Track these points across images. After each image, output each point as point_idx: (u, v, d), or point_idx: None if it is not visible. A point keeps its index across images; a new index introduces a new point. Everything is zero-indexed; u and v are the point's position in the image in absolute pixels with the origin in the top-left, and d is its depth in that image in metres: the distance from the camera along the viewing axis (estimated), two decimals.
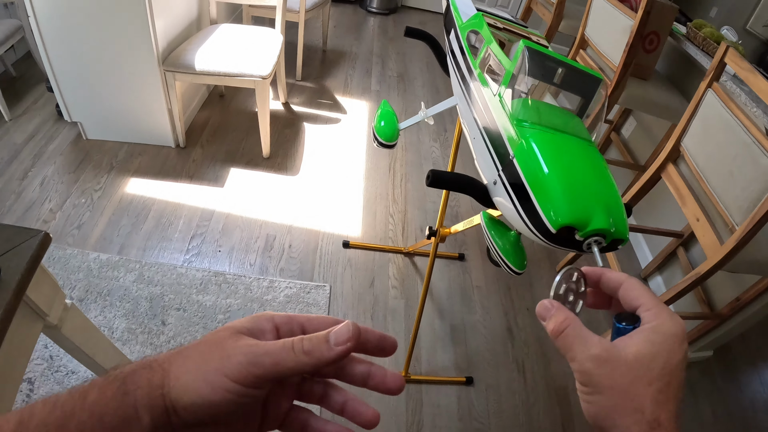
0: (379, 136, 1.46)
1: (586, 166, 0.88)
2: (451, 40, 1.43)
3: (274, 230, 2.37)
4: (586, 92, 1.04)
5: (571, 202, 0.81)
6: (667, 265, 2.57)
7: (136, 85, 2.42)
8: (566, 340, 0.44)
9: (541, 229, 0.83)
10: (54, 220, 2.19)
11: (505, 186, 0.92)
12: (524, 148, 0.89)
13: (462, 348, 2.08)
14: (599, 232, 0.78)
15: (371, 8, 4.93)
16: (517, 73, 0.98)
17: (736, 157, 1.55)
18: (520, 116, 0.94)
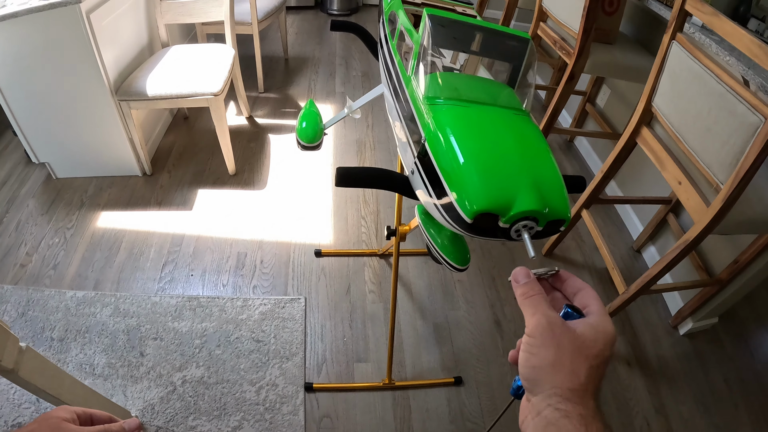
0: (300, 139, 1.37)
1: (508, 140, 0.78)
2: (379, 27, 1.35)
3: (244, 248, 2.31)
4: (515, 56, 0.94)
5: (485, 185, 0.70)
6: (659, 234, 2.48)
7: (95, 119, 2.38)
8: (533, 301, 0.50)
9: (458, 220, 0.73)
10: (31, 263, 2.15)
11: (420, 174, 0.83)
12: (433, 128, 0.79)
13: (448, 347, 2.00)
14: (527, 215, 0.68)
15: (332, 11, 4.87)
16: (426, 44, 0.89)
17: (711, 110, 1.46)
18: (431, 93, 0.84)
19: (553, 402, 0.44)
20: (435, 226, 1.05)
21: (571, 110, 3.38)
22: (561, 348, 0.46)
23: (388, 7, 1.25)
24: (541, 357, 0.46)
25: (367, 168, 0.90)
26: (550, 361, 0.45)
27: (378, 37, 1.38)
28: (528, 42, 0.93)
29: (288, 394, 1.76)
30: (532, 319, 0.49)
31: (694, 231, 1.60)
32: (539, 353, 0.46)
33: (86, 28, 2.05)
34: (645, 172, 2.57)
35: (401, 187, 0.92)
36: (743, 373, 2.13)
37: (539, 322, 0.48)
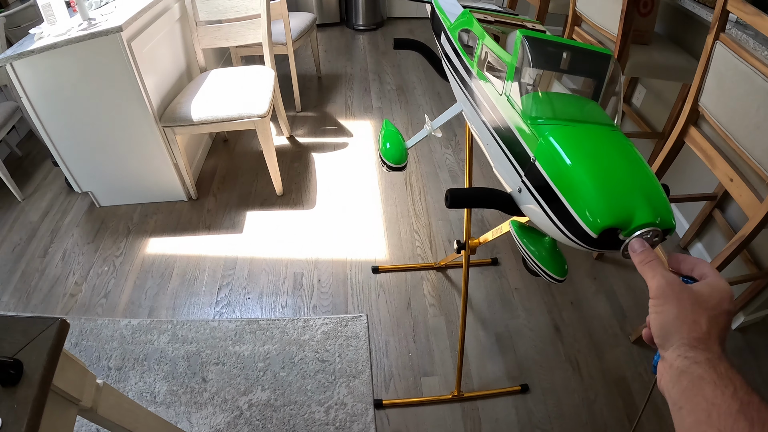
0: (387, 160, 1.39)
1: (615, 156, 0.80)
2: (443, 44, 1.37)
3: (300, 268, 2.32)
4: (597, 72, 0.97)
5: (608, 200, 0.73)
6: (705, 230, 2.48)
7: (138, 146, 2.41)
8: (652, 266, 0.56)
9: (580, 235, 0.75)
10: (81, 292, 2.18)
11: (531, 192, 0.85)
12: (545, 147, 0.81)
13: (511, 355, 2.00)
14: (646, 227, 0.70)
15: (358, 26, 4.90)
16: (521, 66, 0.91)
17: (760, 107, 1.46)
18: (534, 113, 0.87)
19: (682, 352, 0.48)
20: (532, 239, 1.06)
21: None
22: (681, 303, 0.50)
23: (457, 25, 1.27)
24: (665, 314, 0.51)
25: (475, 188, 0.93)
26: (674, 315, 0.50)
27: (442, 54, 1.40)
28: (610, 57, 0.95)
29: (357, 412, 1.77)
30: (653, 281, 0.54)
31: (749, 227, 1.59)
32: (663, 310, 0.51)
33: (128, 56, 2.09)
34: (687, 169, 2.56)
35: (506, 205, 0.94)
36: None
37: (659, 284, 0.53)
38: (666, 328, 0.50)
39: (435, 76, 3.98)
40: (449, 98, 3.70)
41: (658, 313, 0.52)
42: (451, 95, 1.31)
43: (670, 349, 0.49)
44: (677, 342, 0.49)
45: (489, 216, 2.66)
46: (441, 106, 3.61)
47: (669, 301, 0.51)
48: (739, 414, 0.41)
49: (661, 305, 0.52)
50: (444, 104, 3.64)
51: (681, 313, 0.50)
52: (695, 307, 0.50)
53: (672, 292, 0.52)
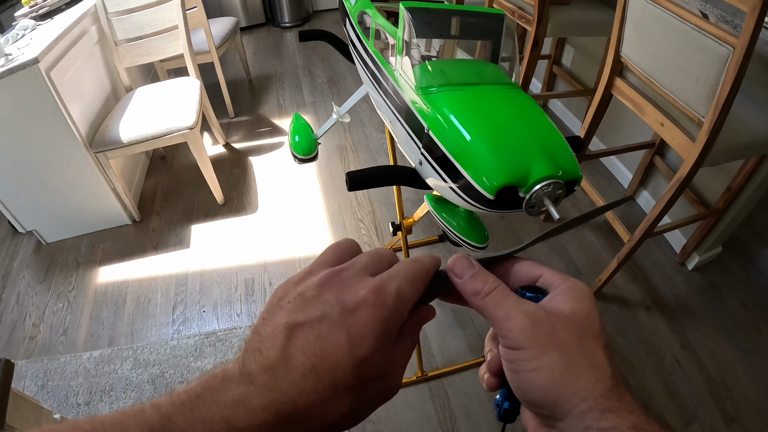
0: (296, 152, 1.37)
1: (509, 113, 0.80)
2: (348, 29, 1.36)
3: (250, 273, 2.30)
4: (492, 34, 0.96)
5: (501, 159, 0.72)
6: (649, 178, 2.51)
7: (74, 176, 2.35)
8: (495, 299, 0.37)
9: (479, 199, 0.75)
10: (39, 333, 2.13)
11: (430, 163, 0.84)
12: (436, 116, 0.81)
13: (470, 328, 2.01)
14: (544, 180, 0.70)
15: (284, 24, 4.85)
16: (408, 38, 0.90)
17: (680, 49, 1.48)
18: (424, 83, 0.86)
19: (592, 423, 0.32)
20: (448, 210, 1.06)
21: (539, 76, 3.40)
22: (563, 344, 0.34)
23: (355, 8, 1.25)
24: (546, 370, 0.34)
25: (375, 168, 0.92)
26: (561, 368, 0.33)
27: (348, 40, 1.38)
28: (503, 17, 0.95)
29: None
30: (507, 323, 0.36)
31: (685, 168, 1.62)
32: (541, 366, 0.34)
33: (49, 86, 2.03)
34: (622, 121, 2.59)
35: (411, 179, 0.93)
36: (759, 295, 2.17)
37: (521, 325, 0.35)
38: (554, 390, 0.33)
39: None
40: None
41: (532, 371, 0.34)
42: None
43: (567, 418, 0.33)
44: (578, 408, 0.32)
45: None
46: None
47: (544, 349, 0.34)
48: None
49: (533, 358, 0.34)
50: None
51: (570, 361, 0.34)
52: (583, 342, 0.35)
53: (543, 332, 0.35)
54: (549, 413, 0.34)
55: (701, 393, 1.81)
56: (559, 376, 0.33)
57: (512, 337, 0.35)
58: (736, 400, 1.81)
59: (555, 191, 0.70)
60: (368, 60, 1.14)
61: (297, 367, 0.33)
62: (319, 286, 0.36)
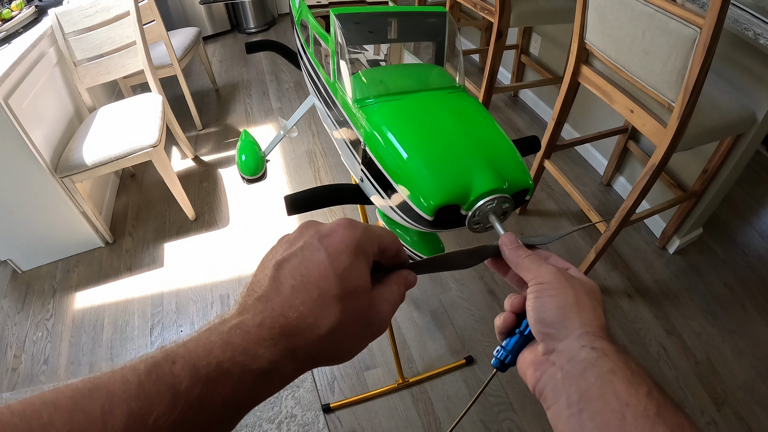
0: (242, 173, 1.32)
1: (449, 123, 0.74)
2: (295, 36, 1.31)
3: (225, 289, 2.26)
4: (435, 33, 0.91)
5: (437, 177, 0.67)
6: (624, 164, 2.50)
7: (42, 202, 2.30)
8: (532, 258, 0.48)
9: (418, 219, 0.69)
10: (21, 364, 2.08)
11: (370, 181, 0.80)
12: (371, 130, 0.76)
13: (450, 330, 1.99)
14: (487, 196, 0.65)
15: (249, 29, 4.78)
16: (340, 46, 0.85)
17: (644, 32, 1.45)
18: (359, 94, 0.81)
19: (587, 342, 0.41)
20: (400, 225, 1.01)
21: (507, 66, 3.37)
22: (576, 290, 0.45)
23: (298, 15, 1.21)
24: (562, 297, 0.44)
25: (314, 189, 0.86)
26: (573, 300, 0.44)
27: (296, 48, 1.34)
28: (445, 15, 0.90)
29: (308, 421, 1.73)
30: (540, 269, 0.47)
31: (658, 154, 1.59)
32: (559, 294, 0.44)
33: (7, 114, 1.98)
34: (594, 108, 2.57)
35: (354, 197, 0.88)
36: (741, 273, 2.16)
37: (549, 270, 0.46)
38: (564, 312, 0.43)
39: None
40: None
41: (552, 296, 0.44)
42: None
43: (568, 338, 0.42)
44: (579, 330, 0.42)
45: None
46: None
47: (563, 286, 0.45)
48: (657, 417, 0.35)
49: (554, 289, 0.45)
50: None
51: (580, 299, 0.44)
52: (590, 297, 0.45)
53: (564, 278, 0.45)
54: (554, 332, 0.43)
55: (689, 378, 1.80)
56: (569, 304, 0.44)
57: (542, 277, 0.46)
58: (725, 382, 1.80)
59: (500, 206, 0.65)
60: (311, 70, 1.10)
61: (286, 288, 0.38)
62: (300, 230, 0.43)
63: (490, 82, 2.43)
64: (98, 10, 2.47)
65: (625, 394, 0.36)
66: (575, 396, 0.39)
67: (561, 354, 0.42)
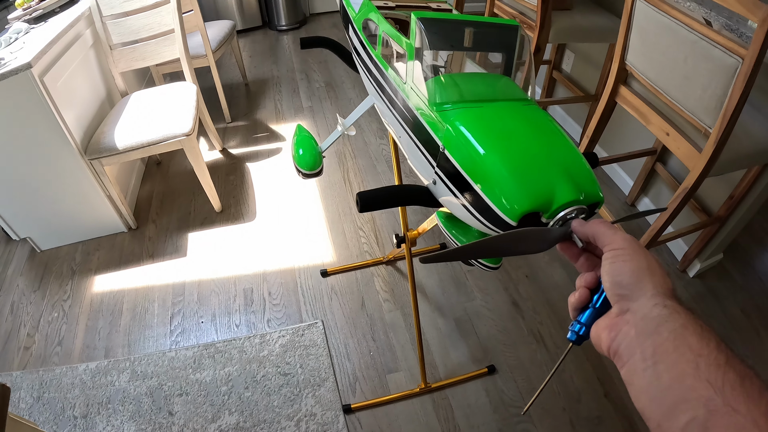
0: (300, 167, 1.33)
1: (529, 133, 0.76)
2: (351, 37, 1.33)
3: (249, 283, 2.26)
4: (506, 45, 0.93)
5: (524, 184, 0.69)
6: (650, 185, 2.50)
7: (68, 183, 2.31)
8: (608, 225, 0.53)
9: (499, 224, 0.72)
10: (34, 343, 2.08)
11: (445, 183, 0.81)
12: (452, 135, 0.77)
13: (473, 338, 1.99)
14: (568, 206, 0.67)
15: (281, 27, 4.79)
16: (420, 50, 0.87)
17: (687, 58, 1.46)
18: (438, 99, 0.82)
19: (659, 301, 0.44)
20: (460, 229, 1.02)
21: (539, 81, 3.38)
22: (648, 256, 0.48)
23: (360, 15, 1.22)
24: (636, 261, 0.47)
25: (386, 188, 0.88)
26: (645, 264, 0.47)
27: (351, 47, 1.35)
28: (517, 29, 0.92)
29: (328, 421, 1.73)
30: (615, 236, 0.51)
31: (691, 178, 1.60)
32: (632, 259, 0.48)
33: (42, 92, 1.99)
34: (623, 128, 2.58)
35: (423, 199, 0.90)
36: (758, 300, 2.17)
37: (624, 237, 0.50)
38: (638, 275, 0.46)
39: None
40: None
41: (626, 261, 0.48)
42: None
43: (641, 298, 0.45)
44: (651, 291, 0.45)
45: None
46: None
47: (637, 252, 0.48)
48: (727, 366, 0.38)
49: (629, 254, 0.48)
50: None
51: (650, 263, 0.47)
52: (659, 264, 0.48)
53: (637, 244, 0.49)
54: (629, 293, 0.47)
55: None
56: (642, 267, 0.47)
57: (617, 243, 0.50)
58: None
59: (578, 216, 0.67)
60: (375, 70, 1.11)
61: None
62: None
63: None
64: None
65: (697, 346, 0.39)
66: (650, 350, 0.42)
67: (635, 313, 0.45)
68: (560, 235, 0.61)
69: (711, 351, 0.39)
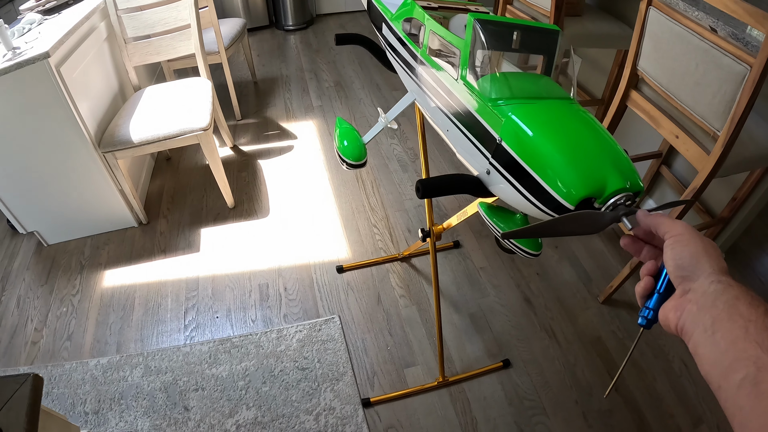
0: (346, 158, 1.37)
1: (578, 127, 0.82)
2: (386, 35, 1.37)
3: (264, 278, 2.28)
4: (547, 48, 0.98)
5: (580, 171, 0.75)
6: (655, 187, 2.55)
7: (80, 176, 2.31)
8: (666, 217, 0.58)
9: (556, 207, 0.77)
10: (42, 338, 2.07)
11: (500, 172, 0.86)
12: (510, 127, 0.82)
13: (488, 334, 2.03)
14: (618, 193, 0.73)
15: (288, 26, 4.81)
16: (474, 49, 0.92)
17: (698, 65, 1.53)
18: (493, 94, 0.87)
19: (715, 278, 0.49)
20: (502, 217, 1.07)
21: None
22: (704, 241, 0.53)
23: (400, 14, 1.27)
24: (694, 245, 0.53)
25: (444, 177, 0.94)
26: (702, 248, 0.52)
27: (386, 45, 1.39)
28: (558, 32, 0.97)
29: (347, 415, 1.76)
30: (674, 225, 0.56)
31: (699, 179, 1.65)
32: (691, 243, 0.53)
33: (58, 82, 2.00)
34: (630, 131, 2.63)
35: (476, 188, 0.95)
36: None
37: (682, 224, 0.55)
38: (696, 257, 0.51)
39: (372, 68, 3.98)
40: (388, 89, 3.71)
41: (686, 245, 0.53)
42: (390, 85, 1.29)
43: (701, 278, 0.50)
44: (708, 270, 0.50)
45: (446, 203, 2.67)
46: (381, 97, 3.61)
47: (695, 238, 0.53)
48: None
49: (688, 240, 0.53)
50: (384, 95, 3.65)
51: (707, 248, 0.52)
52: (714, 247, 0.53)
53: (694, 231, 0.54)
54: (689, 274, 0.52)
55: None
56: (700, 251, 0.52)
57: (676, 230, 0.55)
58: None
59: (626, 202, 0.73)
60: (418, 67, 1.15)
61: None
62: None
63: None
64: None
65: (747, 313, 0.45)
66: (709, 321, 0.47)
67: (695, 291, 0.50)
68: (611, 219, 0.70)
69: (759, 316, 0.44)
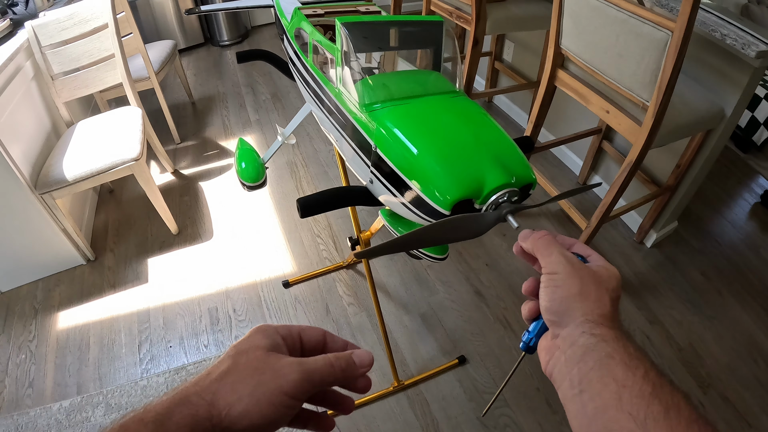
0: (244, 180, 1.34)
1: (456, 124, 0.80)
2: (285, 46, 1.34)
3: (212, 302, 2.25)
4: (432, 41, 0.95)
5: (453, 173, 0.72)
6: (599, 163, 2.56)
7: (21, 221, 2.26)
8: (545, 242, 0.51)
9: (434, 214, 0.74)
10: (5, 388, 2.02)
11: (381, 182, 0.83)
12: (382, 134, 0.80)
13: (440, 332, 2.02)
14: (499, 190, 0.69)
15: (223, 42, 4.75)
16: (346, 54, 0.89)
17: (618, 37, 1.52)
18: (367, 100, 0.84)
19: (587, 329, 0.44)
20: (403, 224, 1.05)
21: (482, 73, 3.43)
22: (584, 280, 0.47)
23: (292, 25, 1.24)
24: (566, 288, 0.47)
25: (324, 192, 0.90)
26: (577, 290, 0.46)
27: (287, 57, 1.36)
28: (442, 24, 0.94)
29: None
30: (550, 258, 0.49)
31: (634, 151, 1.65)
32: (564, 285, 0.47)
33: None
34: (567, 110, 2.64)
35: (363, 198, 0.92)
36: (716, 261, 2.26)
37: (559, 259, 0.49)
38: (567, 302, 0.46)
39: None
40: None
41: (558, 287, 0.48)
42: None
43: (570, 325, 0.46)
44: (580, 318, 0.45)
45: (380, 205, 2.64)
46: None
47: (570, 276, 0.47)
48: (652, 397, 0.38)
49: (562, 280, 0.48)
50: None
51: (584, 288, 0.47)
52: (598, 287, 0.47)
53: (573, 268, 0.48)
54: (558, 320, 0.47)
55: (674, 364, 1.87)
56: (573, 294, 0.46)
57: (552, 264, 0.49)
58: (709, 366, 1.87)
59: (511, 199, 0.70)
60: (308, 77, 1.12)
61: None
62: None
63: (467, 89, 2.48)
64: (76, 23, 2.45)
65: (622, 377, 0.40)
66: (576, 378, 0.42)
67: (564, 339, 0.46)
68: (495, 219, 0.65)
69: (636, 381, 0.39)
